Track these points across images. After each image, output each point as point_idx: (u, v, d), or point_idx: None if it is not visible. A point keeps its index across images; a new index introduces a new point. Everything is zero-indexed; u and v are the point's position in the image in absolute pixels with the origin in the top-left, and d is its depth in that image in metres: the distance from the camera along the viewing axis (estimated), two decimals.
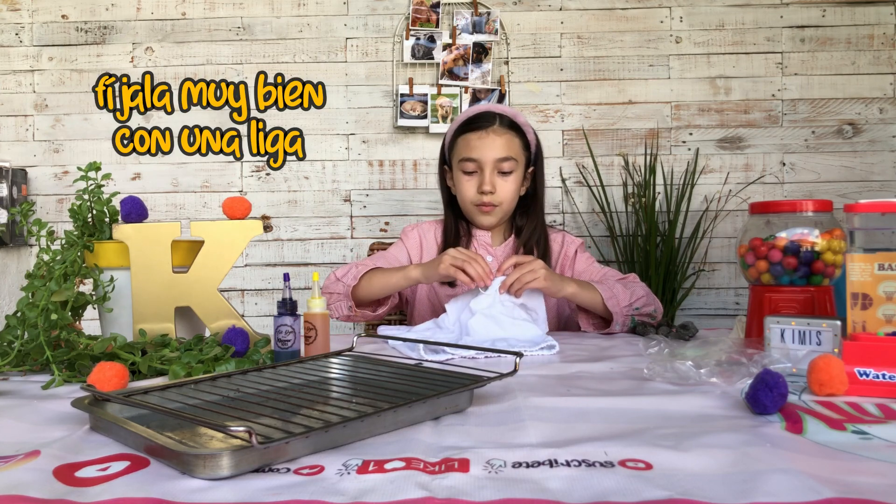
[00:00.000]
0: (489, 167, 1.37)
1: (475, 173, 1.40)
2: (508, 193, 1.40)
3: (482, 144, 1.38)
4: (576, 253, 1.48)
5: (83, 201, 1.04)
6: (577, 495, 0.46)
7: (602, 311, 1.29)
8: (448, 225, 1.49)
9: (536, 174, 1.47)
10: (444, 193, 1.52)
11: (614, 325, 1.27)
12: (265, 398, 0.69)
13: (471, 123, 1.41)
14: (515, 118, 1.42)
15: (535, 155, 1.47)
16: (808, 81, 2.45)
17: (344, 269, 1.36)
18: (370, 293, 1.34)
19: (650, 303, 1.32)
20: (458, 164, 1.42)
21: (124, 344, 0.92)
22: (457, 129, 1.45)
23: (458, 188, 1.43)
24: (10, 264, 2.42)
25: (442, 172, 1.51)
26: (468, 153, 1.39)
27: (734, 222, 2.46)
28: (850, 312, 0.78)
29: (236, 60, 2.51)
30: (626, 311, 1.27)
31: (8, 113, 2.51)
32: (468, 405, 0.70)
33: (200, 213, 2.52)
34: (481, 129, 1.39)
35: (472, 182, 1.40)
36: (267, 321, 2.45)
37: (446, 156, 1.49)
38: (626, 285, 1.32)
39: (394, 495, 0.46)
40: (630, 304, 1.28)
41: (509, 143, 1.39)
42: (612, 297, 1.26)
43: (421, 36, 2.45)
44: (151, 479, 0.50)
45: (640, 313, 1.30)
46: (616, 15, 2.48)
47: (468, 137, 1.40)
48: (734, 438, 0.57)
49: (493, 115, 1.41)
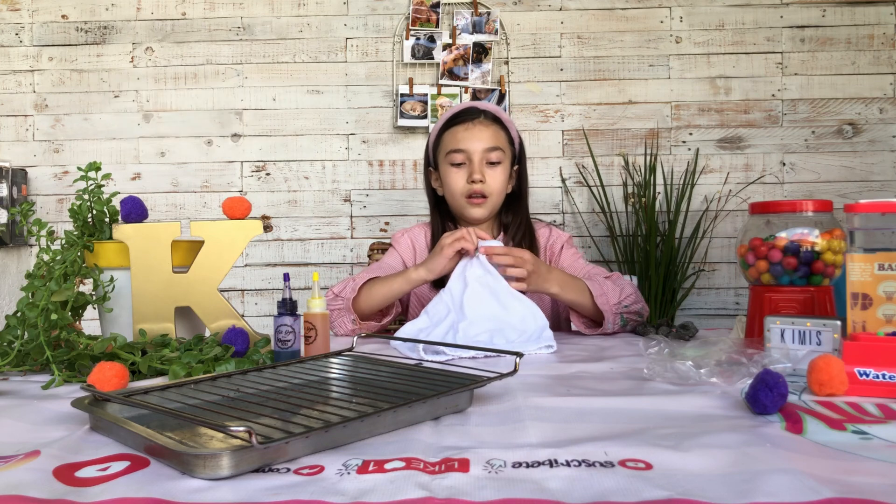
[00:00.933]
0: (478, 157, 1.37)
1: (463, 165, 1.39)
2: (498, 184, 1.40)
3: (469, 136, 1.38)
4: (562, 248, 1.47)
5: (83, 201, 1.04)
6: (577, 495, 0.46)
7: (590, 309, 1.27)
8: (436, 226, 1.48)
9: (521, 172, 1.47)
10: (430, 196, 1.51)
11: (606, 323, 1.25)
12: (265, 398, 0.69)
13: (455, 118, 1.42)
14: (498, 114, 1.44)
15: (518, 153, 1.47)
16: (808, 81, 2.45)
17: (341, 285, 1.33)
18: (372, 303, 1.30)
19: (638, 300, 1.32)
20: (445, 157, 1.41)
21: (124, 344, 0.92)
22: (441, 125, 1.45)
23: (446, 183, 1.42)
24: (10, 264, 2.42)
25: (427, 175, 1.51)
26: (455, 145, 1.39)
27: (734, 222, 2.46)
28: (850, 312, 0.78)
29: (236, 60, 2.51)
30: (616, 310, 1.26)
31: (8, 113, 2.51)
32: (468, 405, 0.70)
33: (200, 213, 2.52)
34: (467, 122, 1.40)
35: (462, 174, 1.39)
36: (267, 321, 2.45)
37: (431, 156, 1.49)
38: (615, 282, 1.31)
39: (394, 495, 0.46)
40: (619, 301, 1.27)
41: (496, 135, 1.40)
42: (602, 294, 1.25)
43: (421, 36, 2.45)
44: (151, 479, 0.50)
45: (630, 311, 1.29)
46: (616, 15, 2.48)
47: (454, 130, 1.41)
48: (734, 438, 0.57)
49: (478, 110, 1.42)
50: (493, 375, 0.70)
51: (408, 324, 1.16)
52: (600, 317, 1.26)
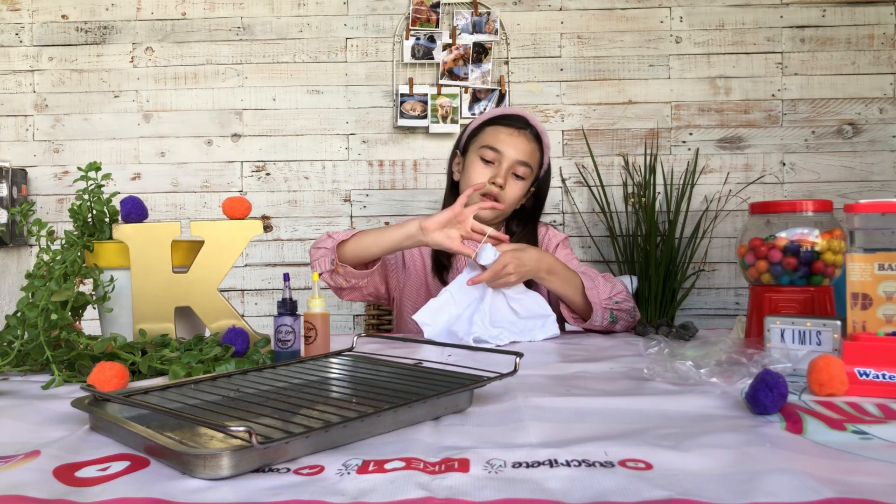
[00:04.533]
0: (508, 163, 1.39)
1: (491, 164, 1.41)
2: (514, 197, 1.42)
3: (511, 141, 1.40)
4: (557, 247, 1.50)
5: (83, 201, 1.04)
6: (577, 495, 0.46)
7: (580, 302, 1.30)
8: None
9: (542, 192, 1.51)
10: (449, 179, 1.54)
11: (594, 315, 1.28)
12: (265, 398, 0.69)
13: (504, 119, 1.44)
14: (542, 136, 1.47)
15: (544, 175, 1.50)
16: (808, 81, 2.45)
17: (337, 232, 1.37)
18: (358, 250, 1.32)
19: (629, 299, 1.34)
20: (478, 149, 1.43)
21: (124, 344, 0.92)
22: (488, 119, 1.47)
23: (468, 172, 1.44)
24: (10, 264, 2.41)
25: (452, 157, 1.53)
26: (495, 143, 1.41)
27: (734, 222, 2.46)
28: (850, 312, 0.78)
29: (236, 60, 2.51)
30: (606, 305, 1.29)
31: (8, 113, 2.51)
32: (468, 405, 0.70)
33: (200, 213, 2.52)
34: (513, 127, 1.42)
35: (487, 171, 1.41)
36: (267, 321, 2.44)
37: (463, 141, 1.50)
38: (608, 280, 1.34)
39: (394, 495, 0.46)
40: (610, 296, 1.30)
41: (532, 152, 1.43)
42: (593, 287, 1.29)
43: (421, 36, 2.45)
44: (151, 479, 0.50)
45: (620, 308, 1.31)
46: (616, 15, 2.48)
47: (498, 129, 1.42)
48: (734, 438, 0.57)
49: (527, 122, 1.44)
50: (493, 375, 0.70)
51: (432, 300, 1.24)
52: (589, 310, 1.29)
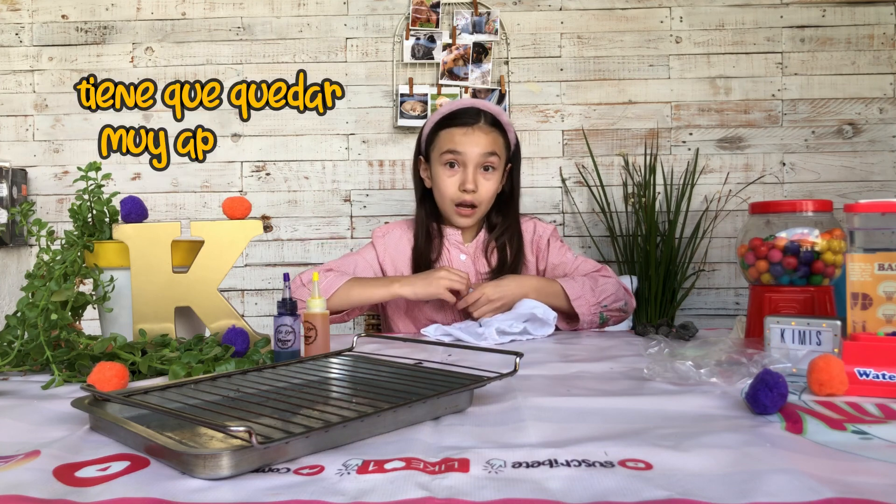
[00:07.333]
0: (473, 164, 1.34)
1: (457, 167, 1.36)
2: (489, 193, 1.37)
3: (467, 140, 1.35)
4: (548, 243, 1.46)
5: (83, 201, 1.04)
6: (577, 495, 0.46)
7: (568, 310, 1.31)
8: (419, 226, 1.44)
9: (513, 172, 1.44)
10: (417, 187, 1.47)
11: (581, 323, 1.30)
12: (265, 398, 0.69)
13: (454, 118, 1.38)
14: (499, 116, 1.40)
15: (513, 154, 1.44)
16: (808, 81, 2.45)
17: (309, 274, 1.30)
18: (343, 302, 1.29)
19: (620, 298, 1.33)
20: (439, 156, 1.38)
21: (124, 344, 0.92)
22: (439, 122, 1.40)
23: (436, 182, 1.39)
24: (10, 264, 2.41)
25: (416, 164, 1.47)
26: (453, 146, 1.35)
27: (734, 222, 2.46)
28: (850, 312, 0.78)
29: (236, 60, 2.51)
30: (595, 310, 1.30)
31: (8, 113, 2.51)
32: (468, 405, 0.70)
33: (200, 213, 2.52)
34: (466, 126, 1.36)
35: (455, 179, 1.36)
36: (267, 321, 2.45)
37: (423, 147, 1.45)
38: (596, 282, 1.33)
39: (394, 495, 0.46)
40: (598, 301, 1.30)
41: (494, 140, 1.37)
42: (579, 297, 1.29)
43: (421, 36, 2.45)
44: (151, 479, 0.50)
45: (610, 309, 1.32)
46: (616, 15, 2.48)
47: (452, 132, 1.36)
48: (734, 438, 0.57)
49: (478, 112, 1.37)
50: (493, 375, 0.70)
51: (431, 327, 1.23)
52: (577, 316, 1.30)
